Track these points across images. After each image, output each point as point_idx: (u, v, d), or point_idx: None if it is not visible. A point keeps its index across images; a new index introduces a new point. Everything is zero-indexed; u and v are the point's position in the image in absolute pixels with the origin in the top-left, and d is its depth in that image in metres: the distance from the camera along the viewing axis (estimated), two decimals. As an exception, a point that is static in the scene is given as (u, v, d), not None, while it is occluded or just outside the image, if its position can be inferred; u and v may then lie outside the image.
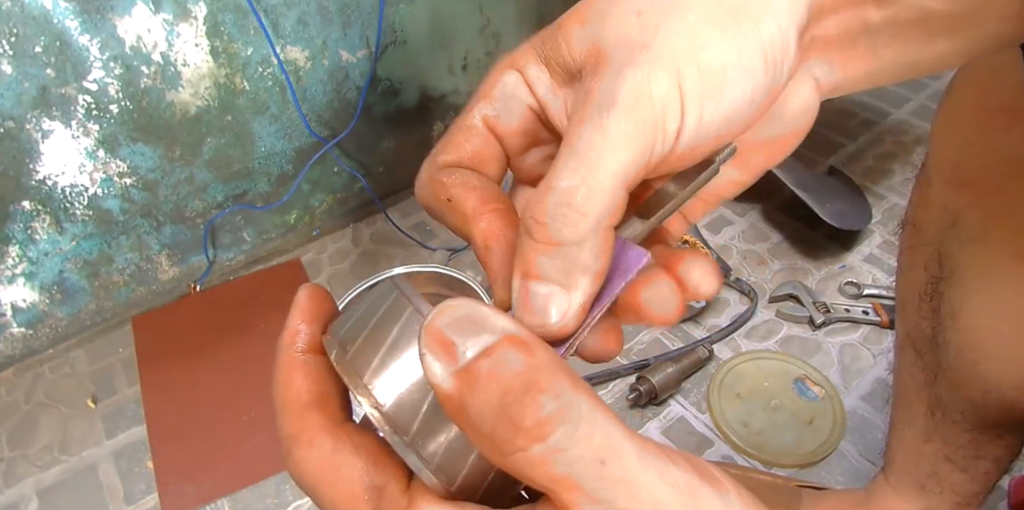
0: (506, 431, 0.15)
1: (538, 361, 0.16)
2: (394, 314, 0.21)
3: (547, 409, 0.15)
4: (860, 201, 1.25)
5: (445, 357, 0.16)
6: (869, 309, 1.08)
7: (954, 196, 0.53)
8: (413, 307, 0.20)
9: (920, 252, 0.59)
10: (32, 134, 0.92)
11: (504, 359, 0.16)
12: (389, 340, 0.20)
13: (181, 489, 0.94)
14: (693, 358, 1.00)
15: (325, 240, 1.30)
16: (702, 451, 0.94)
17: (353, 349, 0.20)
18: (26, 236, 1.00)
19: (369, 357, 0.20)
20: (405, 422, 0.19)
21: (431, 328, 0.16)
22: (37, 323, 1.10)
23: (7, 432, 1.03)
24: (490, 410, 0.15)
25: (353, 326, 0.21)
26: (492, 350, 0.16)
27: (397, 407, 0.19)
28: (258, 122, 1.10)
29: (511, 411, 0.15)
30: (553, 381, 0.16)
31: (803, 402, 0.97)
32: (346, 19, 1.07)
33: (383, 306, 0.21)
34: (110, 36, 0.89)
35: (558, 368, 0.16)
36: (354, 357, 0.20)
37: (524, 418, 0.15)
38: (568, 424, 0.15)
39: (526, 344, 0.16)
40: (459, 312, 0.16)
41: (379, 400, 0.19)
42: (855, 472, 0.90)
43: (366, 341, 0.20)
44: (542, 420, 0.15)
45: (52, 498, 0.95)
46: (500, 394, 0.15)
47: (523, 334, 0.16)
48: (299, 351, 0.22)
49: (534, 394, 0.15)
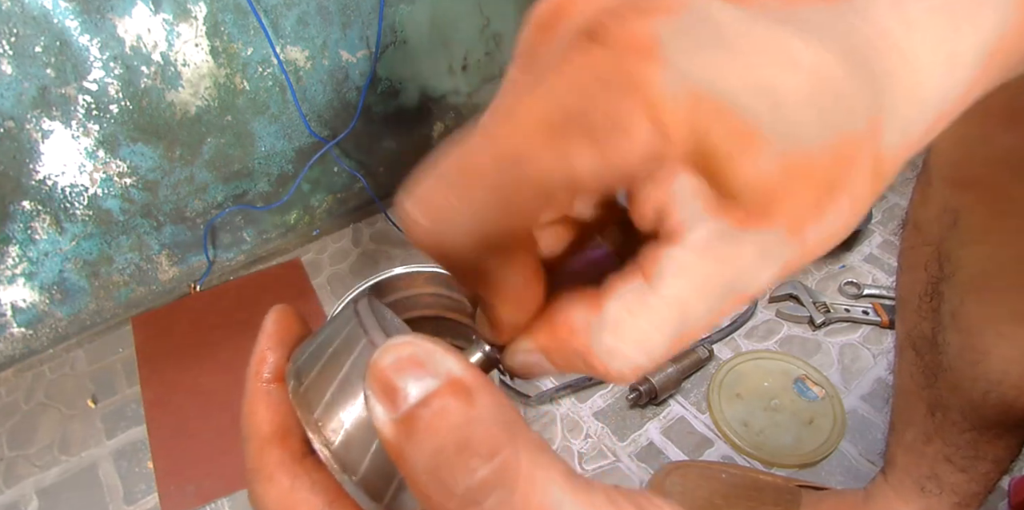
0: (438, 493, 0.15)
1: (476, 413, 0.15)
2: (349, 345, 0.20)
3: (479, 474, 0.14)
4: (860, 201, 1.25)
5: (387, 401, 0.15)
6: (869, 309, 1.08)
7: (954, 196, 0.53)
8: (367, 338, 0.19)
9: (920, 252, 0.59)
10: (32, 134, 0.92)
11: (442, 409, 0.15)
12: (341, 374, 0.19)
13: (181, 489, 0.94)
14: (693, 358, 1.00)
15: (325, 240, 1.30)
16: (702, 451, 0.94)
17: (307, 382, 0.20)
18: (26, 236, 1.00)
19: (322, 390, 0.19)
20: (354, 461, 0.18)
21: (375, 369, 0.16)
22: (37, 323, 1.10)
23: (7, 432, 1.03)
24: (425, 466, 0.15)
25: (310, 356, 0.20)
26: (431, 398, 0.15)
27: (346, 445, 0.18)
28: (258, 122, 1.10)
29: (443, 473, 0.14)
30: (488, 438, 0.15)
31: (803, 402, 0.97)
32: (346, 19, 1.07)
33: (340, 334, 0.20)
34: (110, 36, 0.89)
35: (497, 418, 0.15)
36: (307, 389, 0.20)
37: (455, 482, 0.14)
38: (501, 489, 0.14)
39: (468, 391, 0.15)
40: (404, 351, 0.16)
41: (328, 438, 0.19)
42: (855, 472, 0.90)
43: (320, 373, 0.20)
44: (473, 486, 0.14)
45: (52, 498, 0.95)
46: (434, 452, 0.15)
47: (467, 377, 0.15)
48: (264, 380, 0.21)
49: (466, 457, 0.14)
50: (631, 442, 0.95)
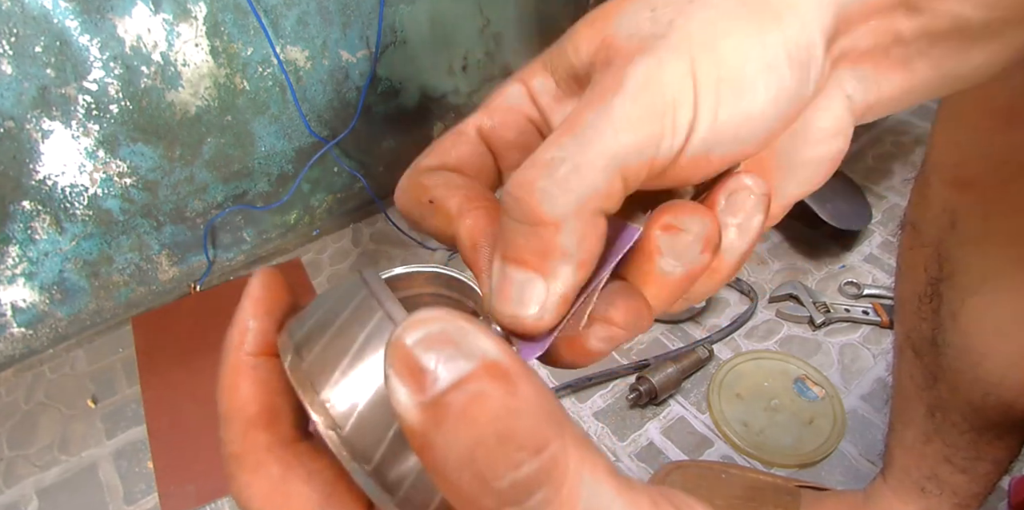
0: (474, 487, 0.13)
1: (519, 402, 0.13)
2: (361, 318, 0.17)
3: (525, 469, 0.13)
4: (860, 201, 1.25)
5: (412, 383, 0.13)
6: (869, 309, 1.08)
7: (954, 197, 0.53)
8: (383, 311, 0.17)
9: (919, 253, 0.59)
10: (32, 134, 0.92)
11: (480, 395, 0.13)
12: (353, 349, 0.17)
13: (181, 489, 0.94)
14: (693, 358, 1.00)
15: (325, 240, 1.30)
16: (702, 451, 0.94)
17: (311, 356, 0.17)
18: (26, 236, 1.00)
19: (328, 368, 0.17)
20: (367, 447, 0.16)
21: (398, 345, 0.13)
22: (37, 323, 1.10)
23: (7, 432, 1.03)
24: (457, 458, 0.13)
25: (313, 327, 0.18)
26: (467, 381, 0.13)
27: (358, 429, 0.16)
28: (258, 122, 1.10)
29: (481, 466, 0.13)
30: (535, 431, 0.13)
31: (803, 402, 0.97)
32: (346, 19, 1.07)
33: (349, 306, 0.18)
34: (110, 36, 0.89)
35: (543, 410, 0.13)
36: (311, 366, 0.17)
37: (497, 477, 0.13)
38: (548, 487, 0.13)
39: (508, 376, 0.13)
40: (433, 327, 0.13)
41: (337, 420, 0.16)
42: (855, 472, 0.90)
43: (326, 348, 0.17)
44: (517, 481, 0.13)
45: (52, 498, 0.95)
46: (471, 443, 0.13)
47: (507, 362, 0.13)
48: (248, 353, 0.19)
49: (510, 450, 0.13)
50: (631, 442, 0.95)
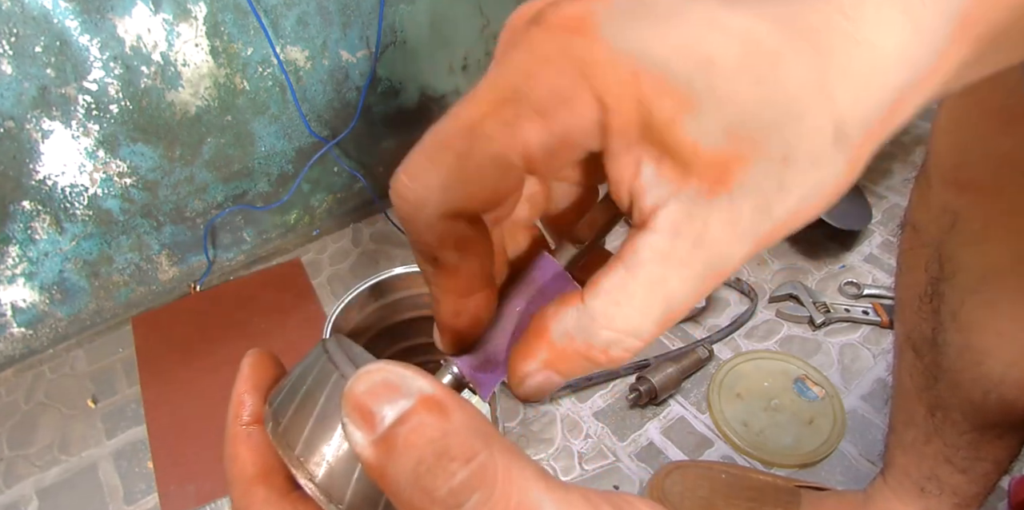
0: (422, 500, 0.15)
1: (451, 424, 0.16)
2: (322, 381, 0.21)
3: (459, 477, 0.15)
4: (860, 201, 1.25)
5: (364, 425, 0.16)
6: (869, 309, 1.08)
7: (954, 197, 0.53)
8: (339, 372, 0.20)
9: (920, 253, 0.59)
10: (32, 134, 0.92)
11: (419, 424, 0.16)
12: (317, 410, 0.20)
13: (181, 489, 0.94)
14: (693, 358, 1.00)
15: (325, 240, 1.30)
16: (702, 451, 0.94)
17: (285, 421, 0.21)
18: (26, 236, 1.00)
19: (300, 428, 0.20)
20: (339, 491, 0.19)
21: (350, 396, 0.16)
22: (37, 323, 1.10)
23: (7, 432, 1.03)
24: (406, 479, 0.15)
25: (285, 397, 0.21)
26: (407, 416, 0.16)
27: (329, 477, 0.19)
28: (258, 122, 1.10)
29: (424, 481, 0.15)
30: (465, 445, 0.15)
31: (803, 402, 0.97)
32: (346, 19, 1.07)
33: (312, 372, 0.21)
34: (110, 36, 0.89)
35: (472, 428, 0.16)
36: (286, 429, 0.20)
37: (437, 487, 0.15)
38: (481, 490, 0.15)
39: (441, 406, 0.16)
40: (376, 378, 0.16)
41: (311, 471, 0.20)
42: (855, 472, 0.90)
43: (296, 412, 0.21)
44: (454, 488, 0.15)
45: (52, 498, 0.95)
46: (415, 463, 0.15)
47: (440, 394, 0.16)
48: (244, 423, 0.22)
49: (445, 462, 0.15)
50: (631, 442, 0.95)
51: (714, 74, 0.16)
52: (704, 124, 0.16)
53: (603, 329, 0.19)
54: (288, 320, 1.15)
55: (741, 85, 0.16)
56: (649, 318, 0.19)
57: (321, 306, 1.17)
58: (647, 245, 0.18)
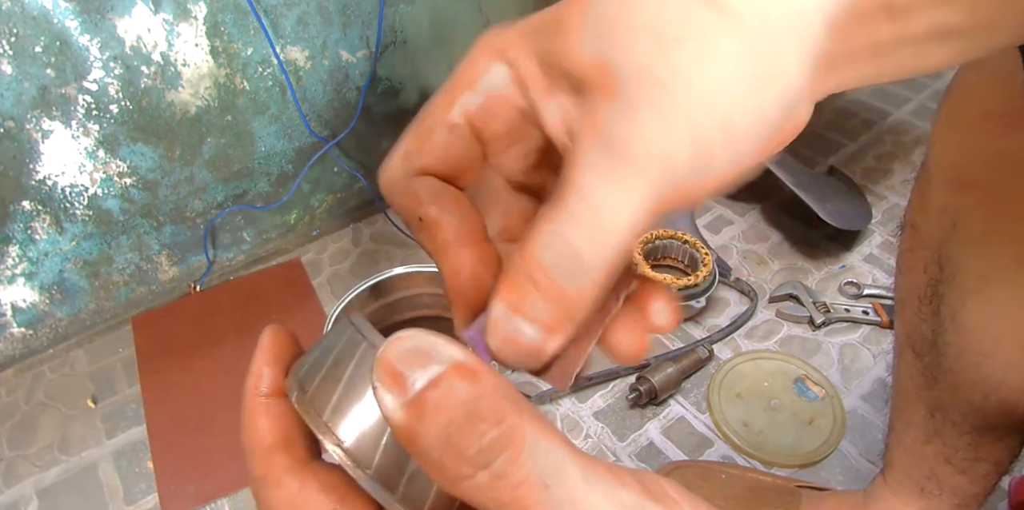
0: (452, 460, 0.16)
1: (482, 389, 0.16)
2: (349, 350, 0.21)
3: (488, 436, 0.16)
4: (860, 201, 1.25)
5: (395, 389, 0.16)
6: (869, 309, 1.08)
7: (954, 198, 0.53)
8: (367, 342, 0.21)
9: (920, 254, 0.59)
10: (32, 134, 0.92)
11: (450, 389, 0.16)
12: (346, 377, 0.20)
13: (181, 489, 0.94)
14: (693, 358, 1.00)
15: (325, 240, 1.30)
16: (702, 451, 0.94)
17: (312, 389, 0.21)
18: (26, 236, 1.00)
19: (328, 395, 0.20)
20: (367, 456, 0.19)
21: (382, 361, 0.17)
22: (37, 323, 1.10)
23: (7, 432, 1.03)
24: (437, 440, 0.16)
25: (311, 366, 0.22)
26: (439, 380, 0.16)
27: (358, 442, 0.20)
28: (258, 122, 1.10)
29: (455, 440, 0.16)
30: (495, 408, 0.16)
31: (803, 402, 0.98)
32: (346, 19, 1.07)
33: (339, 344, 0.21)
34: (110, 36, 0.89)
35: (501, 394, 0.16)
36: (313, 396, 0.21)
37: (467, 446, 0.16)
38: (509, 450, 0.16)
39: (473, 372, 0.16)
40: (408, 344, 0.17)
41: (340, 437, 0.20)
42: (855, 472, 0.90)
43: (324, 379, 0.21)
44: (484, 447, 0.16)
45: (52, 498, 0.95)
46: (445, 424, 0.16)
47: (470, 361, 0.17)
48: (262, 395, 0.22)
49: (476, 423, 0.16)
50: (631, 442, 0.95)
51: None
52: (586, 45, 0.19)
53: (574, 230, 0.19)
54: (288, 320, 1.15)
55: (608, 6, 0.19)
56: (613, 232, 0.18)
57: (321, 306, 1.17)
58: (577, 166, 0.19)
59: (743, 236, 1.23)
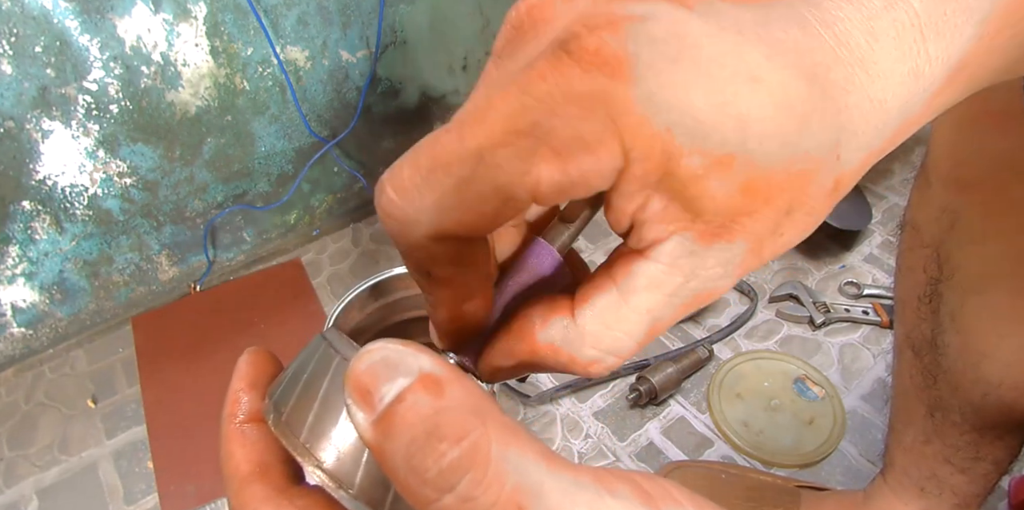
0: (415, 482, 0.15)
1: (445, 402, 0.15)
2: (323, 367, 0.20)
3: (448, 457, 0.14)
4: (860, 201, 1.25)
5: (365, 406, 0.15)
6: (869, 309, 1.08)
7: (953, 198, 0.53)
8: (340, 356, 0.20)
9: (919, 254, 0.59)
10: (32, 134, 0.92)
11: (414, 403, 0.15)
12: (320, 395, 0.20)
13: (181, 489, 0.94)
14: (693, 358, 1.00)
15: (325, 240, 1.30)
16: (702, 451, 0.94)
17: (287, 410, 0.20)
18: (26, 236, 1.00)
19: (303, 415, 0.20)
20: (348, 476, 0.19)
21: (351, 375, 0.16)
22: (37, 323, 1.10)
23: (7, 432, 1.03)
24: (401, 459, 0.15)
25: (286, 386, 0.21)
26: (404, 394, 0.15)
27: (338, 462, 0.19)
28: (258, 122, 1.10)
29: (415, 462, 0.15)
30: (457, 424, 0.15)
31: (803, 402, 0.98)
32: (346, 19, 1.07)
33: (312, 360, 0.21)
34: (110, 36, 0.89)
35: (466, 406, 0.15)
36: (288, 418, 0.20)
37: (427, 469, 0.14)
38: (473, 470, 0.14)
39: (438, 384, 0.15)
40: (376, 356, 0.16)
41: (319, 458, 0.19)
42: (855, 472, 0.90)
43: (299, 399, 0.20)
44: (444, 470, 0.14)
45: (52, 498, 0.95)
46: (407, 443, 0.15)
47: (439, 371, 0.16)
48: (239, 421, 0.22)
49: (435, 442, 0.14)
50: (631, 442, 0.95)
51: (748, 136, 0.16)
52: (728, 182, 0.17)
53: (590, 347, 0.20)
54: (288, 320, 1.15)
55: (769, 147, 0.17)
56: (634, 340, 0.20)
57: (321, 306, 1.17)
58: (644, 273, 0.19)
59: (743, 236, 1.23)
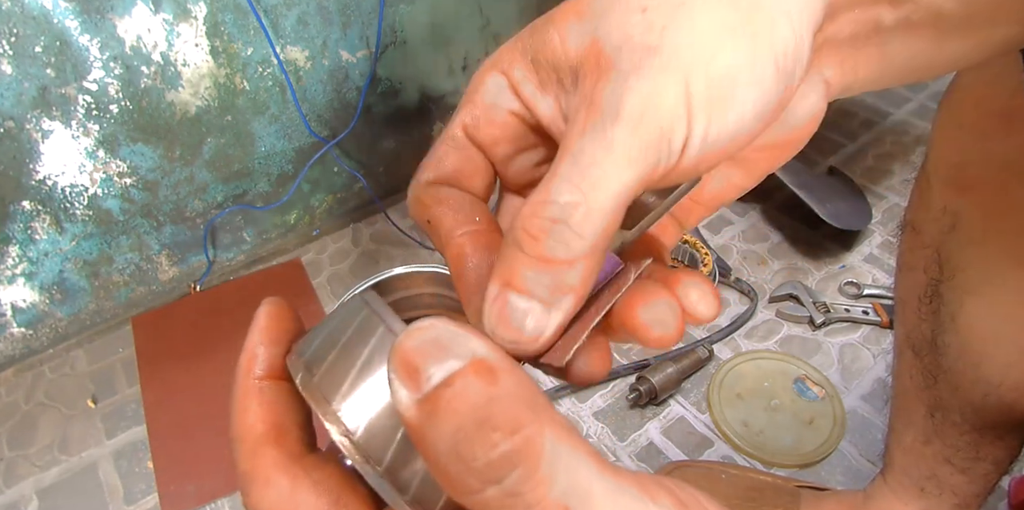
0: (459, 470, 0.14)
1: (499, 391, 0.14)
2: (365, 333, 0.19)
3: (500, 449, 0.14)
4: (860, 201, 1.25)
5: (410, 383, 0.15)
6: (869, 309, 1.08)
7: (954, 198, 0.53)
8: (385, 326, 0.19)
9: (919, 254, 0.59)
10: (32, 134, 0.92)
11: (464, 389, 0.14)
12: (360, 362, 0.18)
13: (181, 489, 0.94)
14: (693, 358, 1.00)
15: (325, 240, 1.30)
16: (702, 451, 0.94)
17: (320, 372, 0.19)
18: (26, 236, 1.00)
19: (338, 380, 0.18)
20: (377, 451, 0.17)
21: (399, 350, 0.15)
22: (37, 323, 1.10)
23: (7, 432, 1.03)
24: (444, 444, 0.14)
25: (320, 346, 0.20)
26: (454, 378, 0.14)
27: (369, 435, 0.18)
28: (258, 122, 1.10)
29: (462, 449, 0.14)
30: (511, 415, 0.14)
31: (803, 402, 0.98)
32: (346, 19, 1.07)
33: (353, 324, 0.19)
34: (110, 36, 0.89)
35: (522, 398, 0.15)
36: (321, 380, 0.19)
37: (475, 458, 0.14)
38: (524, 465, 0.14)
39: (492, 371, 0.15)
40: (428, 334, 0.15)
41: (349, 427, 0.18)
42: (855, 472, 0.90)
43: (335, 363, 0.19)
44: (493, 461, 0.14)
45: (52, 498, 0.95)
46: (454, 429, 0.14)
47: (493, 359, 0.15)
48: (256, 377, 0.20)
49: (487, 431, 0.14)
50: (631, 442, 0.95)
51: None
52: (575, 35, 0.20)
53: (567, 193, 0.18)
54: (288, 320, 1.15)
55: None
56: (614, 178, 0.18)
57: (321, 306, 1.17)
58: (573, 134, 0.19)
59: (743, 236, 1.23)
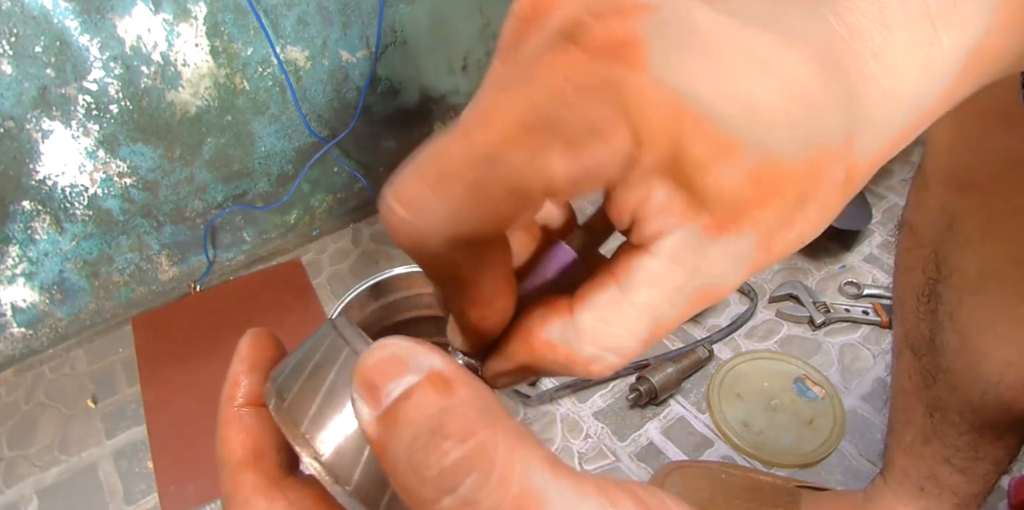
0: (414, 481, 0.14)
1: (454, 401, 0.15)
2: (331, 357, 0.20)
3: (451, 456, 0.14)
4: (860, 201, 1.25)
5: (371, 400, 0.15)
6: (869, 309, 1.08)
7: (952, 198, 0.53)
8: (350, 348, 0.19)
9: (917, 254, 0.59)
10: (32, 134, 0.92)
11: (420, 400, 0.15)
12: (326, 385, 0.19)
13: (181, 489, 0.94)
14: (693, 358, 1.00)
15: (325, 240, 1.30)
16: (702, 451, 0.94)
17: (290, 396, 0.19)
18: (26, 236, 1.00)
19: (307, 404, 0.19)
20: (346, 471, 0.18)
21: (360, 370, 0.15)
22: (37, 323, 1.10)
23: (7, 432, 1.03)
24: (402, 456, 0.14)
25: (291, 372, 0.20)
26: (412, 391, 0.15)
27: (337, 456, 0.18)
28: (258, 122, 1.10)
29: (416, 459, 0.14)
30: (464, 423, 0.14)
31: (803, 402, 0.97)
32: (346, 19, 1.07)
33: (320, 349, 0.20)
34: (110, 36, 0.89)
35: (474, 407, 0.15)
36: (291, 405, 0.19)
37: (428, 467, 0.14)
38: (477, 472, 0.14)
39: (447, 382, 0.15)
40: (386, 352, 0.15)
41: (318, 450, 0.18)
42: (855, 472, 0.90)
43: (303, 387, 0.19)
44: (445, 469, 0.14)
45: (52, 498, 0.95)
46: (409, 440, 0.14)
47: (449, 371, 0.15)
48: (238, 404, 0.21)
49: (439, 440, 0.14)
50: (631, 442, 0.95)
51: (756, 122, 0.16)
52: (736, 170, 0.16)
53: (588, 345, 0.19)
54: (288, 320, 1.15)
55: (779, 134, 0.16)
56: (636, 338, 0.19)
57: (321, 306, 1.17)
58: (645, 268, 0.18)
59: (743, 236, 1.23)
